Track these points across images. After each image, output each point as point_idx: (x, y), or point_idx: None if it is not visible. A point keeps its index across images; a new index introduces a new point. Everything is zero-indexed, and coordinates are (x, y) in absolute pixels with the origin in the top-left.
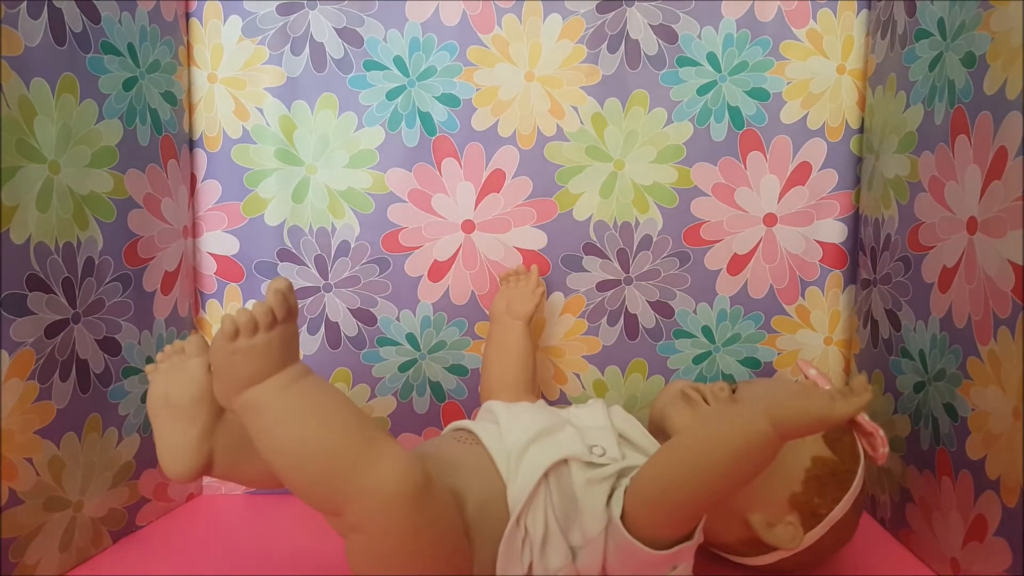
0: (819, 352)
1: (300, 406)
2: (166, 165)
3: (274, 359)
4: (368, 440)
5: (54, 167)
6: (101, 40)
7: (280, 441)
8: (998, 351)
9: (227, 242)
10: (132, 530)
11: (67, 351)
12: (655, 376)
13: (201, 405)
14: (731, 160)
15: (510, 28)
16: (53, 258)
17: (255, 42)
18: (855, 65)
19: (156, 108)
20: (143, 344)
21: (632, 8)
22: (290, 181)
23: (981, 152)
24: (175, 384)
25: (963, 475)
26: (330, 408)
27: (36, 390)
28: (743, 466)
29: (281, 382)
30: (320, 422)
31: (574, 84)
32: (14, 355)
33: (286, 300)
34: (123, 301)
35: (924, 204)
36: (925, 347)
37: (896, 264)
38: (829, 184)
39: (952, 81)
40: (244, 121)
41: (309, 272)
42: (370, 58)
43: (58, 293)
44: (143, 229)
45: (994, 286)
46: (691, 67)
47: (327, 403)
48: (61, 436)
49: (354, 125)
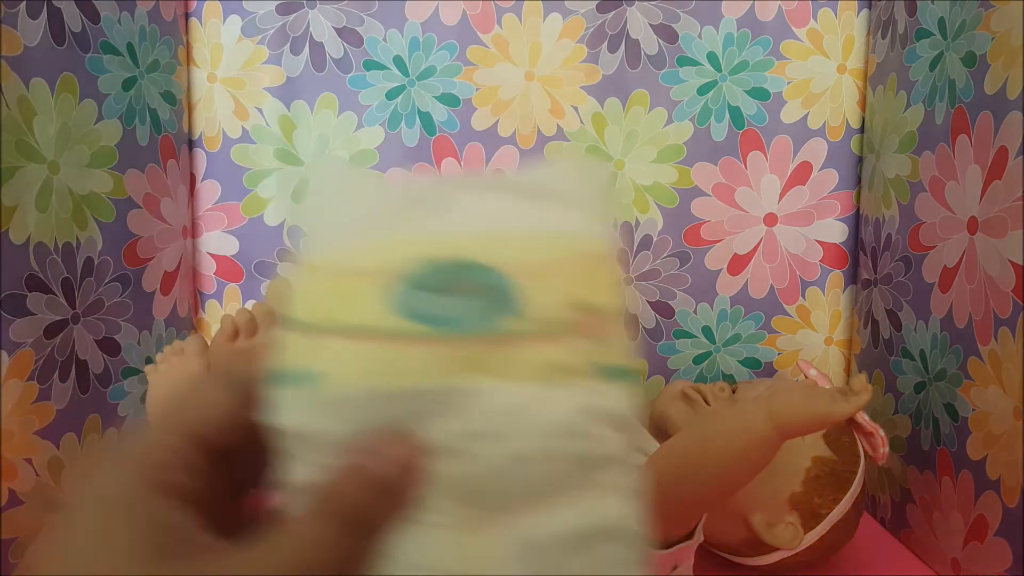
0: (819, 352)
1: None
2: (165, 165)
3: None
4: None
5: (53, 167)
6: (100, 40)
7: None
8: (999, 351)
9: (227, 242)
10: None
11: (66, 352)
12: (655, 376)
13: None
14: (731, 160)
15: (510, 28)
16: (52, 258)
17: (255, 42)
18: (856, 65)
19: (155, 108)
20: (142, 344)
21: (632, 8)
22: (290, 181)
23: (982, 152)
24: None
25: (964, 475)
26: None
27: (36, 391)
28: (743, 465)
29: None
30: None
31: (574, 84)
32: (13, 356)
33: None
34: (122, 301)
35: (925, 204)
36: (926, 347)
37: (897, 264)
38: (830, 184)
39: (953, 81)
40: (243, 121)
41: None
42: (370, 58)
43: (57, 293)
44: (142, 229)
45: (995, 286)
46: (691, 67)
47: None
48: (61, 437)
49: (354, 125)
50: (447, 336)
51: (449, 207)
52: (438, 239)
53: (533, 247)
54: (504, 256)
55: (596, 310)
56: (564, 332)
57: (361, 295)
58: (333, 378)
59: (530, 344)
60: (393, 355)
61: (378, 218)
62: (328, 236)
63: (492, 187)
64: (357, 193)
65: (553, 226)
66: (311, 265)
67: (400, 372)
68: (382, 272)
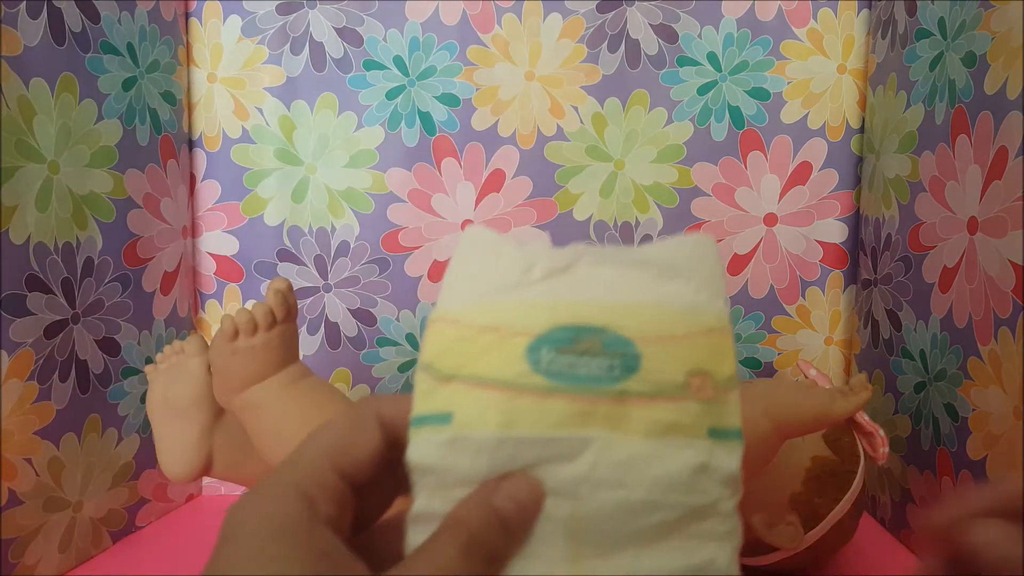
0: (819, 352)
1: (299, 406)
2: (165, 165)
3: (274, 359)
4: None
5: (53, 167)
6: (100, 40)
7: (280, 441)
8: (999, 351)
9: (226, 242)
10: (132, 530)
11: (66, 351)
12: None
13: (200, 405)
14: (731, 160)
15: (510, 28)
16: (52, 258)
17: (254, 42)
18: (856, 65)
19: (155, 108)
20: (142, 344)
21: (632, 8)
22: (289, 181)
23: (982, 152)
24: (175, 384)
25: (964, 475)
26: (329, 408)
27: (35, 391)
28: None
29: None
30: (320, 422)
31: (574, 84)
32: (13, 356)
33: (285, 300)
34: (122, 301)
35: (925, 204)
36: (926, 347)
37: (897, 264)
38: (830, 184)
39: (953, 81)
40: (243, 121)
41: (309, 272)
42: (370, 58)
43: (57, 293)
44: (142, 229)
45: (995, 286)
46: (691, 67)
47: (326, 403)
48: (60, 437)
49: (354, 125)
50: (574, 392)
51: (584, 277)
52: (573, 307)
53: (657, 319)
54: (631, 326)
55: (711, 376)
56: (680, 394)
57: (500, 350)
58: (468, 421)
59: (648, 403)
60: (525, 406)
61: (520, 283)
62: (469, 295)
63: (623, 262)
64: (502, 258)
65: (676, 301)
66: (453, 319)
67: (529, 421)
68: (521, 332)
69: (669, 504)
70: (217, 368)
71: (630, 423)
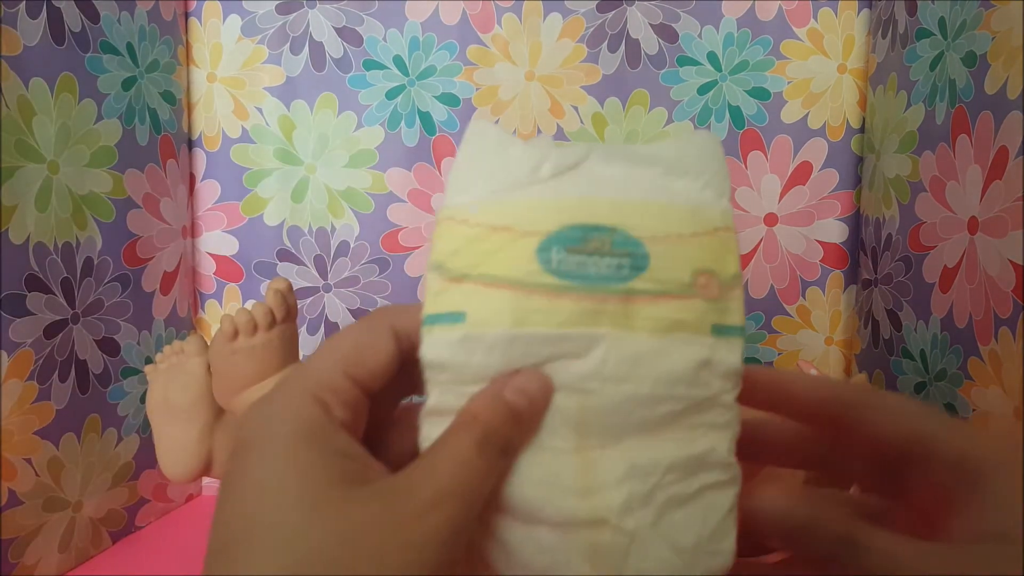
0: (820, 352)
1: None
2: (165, 165)
3: (274, 359)
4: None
5: (53, 167)
6: (100, 40)
7: None
8: (999, 351)
9: (226, 242)
10: (132, 531)
11: (66, 351)
12: None
13: (200, 405)
14: (732, 160)
15: (510, 27)
16: (52, 258)
17: (254, 41)
18: (856, 64)
19: (155, 108)
20: (142, 344)
21: (632, 7)
22: (289, 181)
23: (982, 152)
24: (174, 384)
25: None
26: None
27: (35, 391)
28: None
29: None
30: None
31: (574, 83)
32: (13, 356)
33: (285, 300)
34: (122, 301)
35: (925, 204)
36: (926, 347)
37: (897, 264)
38: (830, 184)
39: (953, 80)
40: (243, 121)
41: (308, 272)
42: (370, 57)
43: (57, 293)
44: (142, 229)
45: (995, 286)
46: (691, 66)
47: None
48: (60, 437)
49: (353, 125)
50: (584, 291)
51: (593, 175)
52: (583, 204)
53: (665, 218)
54: (640, 225)
55: (716, 275)
56: (686, 293)
57: (512, 250)
58: (481, 320)
59: (656, 301)
60: (536, 304)
61: (530, 181)
62: (478, 193)
63: (631, 159)
64: (510, 154)
65: (683, 199)
66: (463, 218)
67: (540, 319)
68: (532, 231)
69: (674, 397)
70: (217, 368)
71: (637, 320)
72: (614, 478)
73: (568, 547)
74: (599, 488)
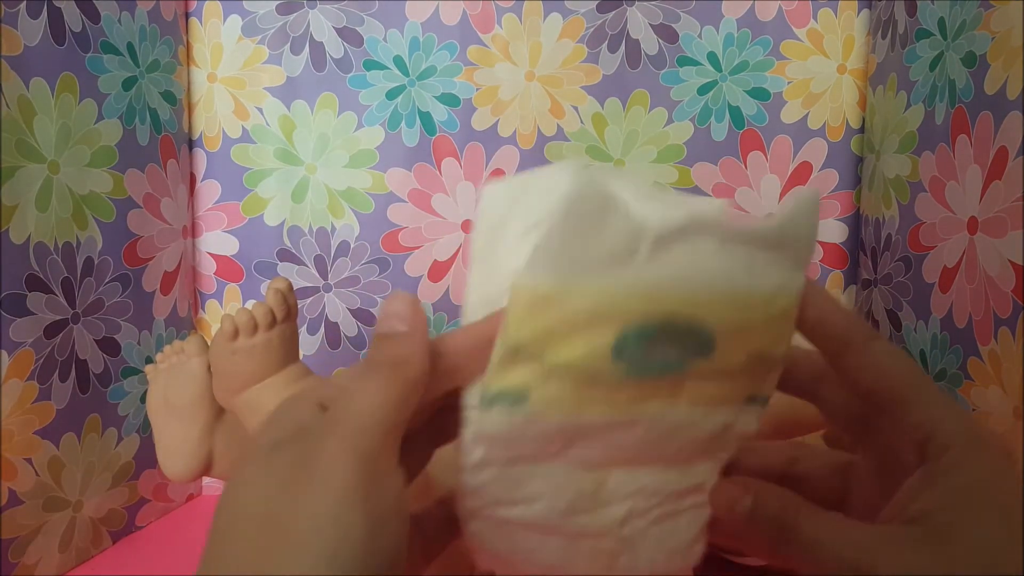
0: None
1: None
2: (165, 165)
3: (274, 359)
4: None
5: (53, 167)
6: (101, 40)
7: None
8: (999, 351)
9: (226, 242)
10: (132, 530)
11: (66, 351)
12: None
13: (201, 405)
14: (732, 160)
15: (510, 27)
16: (52, 258)
17: (255, 41)
18: (856, 65)
19: (156, 108)
20: (143, 344)
21: (632, 8)
22: (290, 181)
23: (982, 152)
24: (175, 384)
25: None
26: None
27: (35, 390)
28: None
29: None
30: None
31: (574, 84)
32: (13, 355)
33: (285, 300)
34: (122, 301)
35: (925, 204)
36: (926, 347)
37: (897, 264)
38: (830, 184)
39: (953, 81)
40: (244, 121)
41: (309, 272)
42: (370, 58)
43: (57, 293)
44: (142, 229)
45: (995, 286)
46: (692, 67)
47: None
48: (60, 436)
49: (354, 125)
50: (644, 378)
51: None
52: (668, 293)
53: (743, 309)
54: (717, 315)
55: (768, 358)
56: (736, 371)
57: (588, 339)
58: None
59: (705, 378)
60: (598, 395)
61: (623, 262)
62: (570, 267)
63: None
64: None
65: (765, 282)
66: (544, 295)
67: (599, 409)
68: (612, 319)
69: (694, 450)
70: (217, 368)
71: (683, 393)
72: (621, 495)
73: (574, 551)
74: (607, 503)
